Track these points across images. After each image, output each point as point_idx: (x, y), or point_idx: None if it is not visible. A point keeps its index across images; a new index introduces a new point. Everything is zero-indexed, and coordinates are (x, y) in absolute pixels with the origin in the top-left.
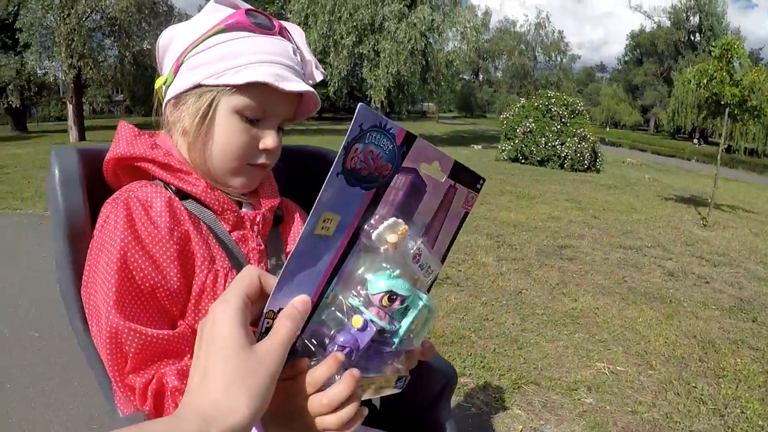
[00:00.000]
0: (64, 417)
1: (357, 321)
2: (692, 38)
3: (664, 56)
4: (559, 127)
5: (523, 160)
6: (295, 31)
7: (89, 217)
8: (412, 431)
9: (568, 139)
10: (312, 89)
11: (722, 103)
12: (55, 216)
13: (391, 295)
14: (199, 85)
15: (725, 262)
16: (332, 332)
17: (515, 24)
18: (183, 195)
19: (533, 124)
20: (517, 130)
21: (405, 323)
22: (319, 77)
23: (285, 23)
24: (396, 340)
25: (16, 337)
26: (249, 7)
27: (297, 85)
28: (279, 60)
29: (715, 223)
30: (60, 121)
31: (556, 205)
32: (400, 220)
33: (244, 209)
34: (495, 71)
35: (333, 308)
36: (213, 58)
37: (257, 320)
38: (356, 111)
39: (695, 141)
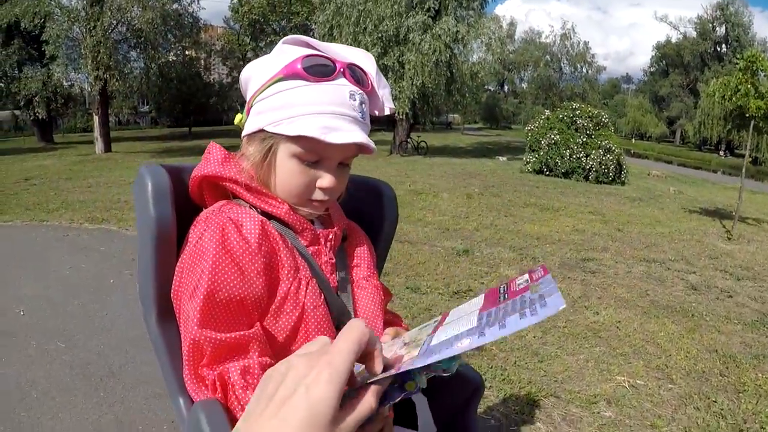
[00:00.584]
0: (90, 427)
1: (411, 386)
2: (718, 49)
3: (690, 67)
4: (584, 139)
5: (547, 172)
6: (367, 62)
7: (176, 226)
8: None
9: (593, 152)
10: (361, 140)
11: (747, 115)
12: (145, 224)
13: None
14: (262, 130)
15: (749, 276)
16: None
17: (540, 35)
18: (268, 215)
19: (558, 136)
20: (542, 142)
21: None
22: (387, 111)
23: (355, 55)
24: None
25: (42, 348)
26: (310, 51)
27: (344, 136)
28: (330, 110)
29: (740, 236)
30: (86, 132)
31: (580, 217)
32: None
33: (317, 227)
34: (520, 82)
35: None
36: (273, 106)
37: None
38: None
39: (721, 153)
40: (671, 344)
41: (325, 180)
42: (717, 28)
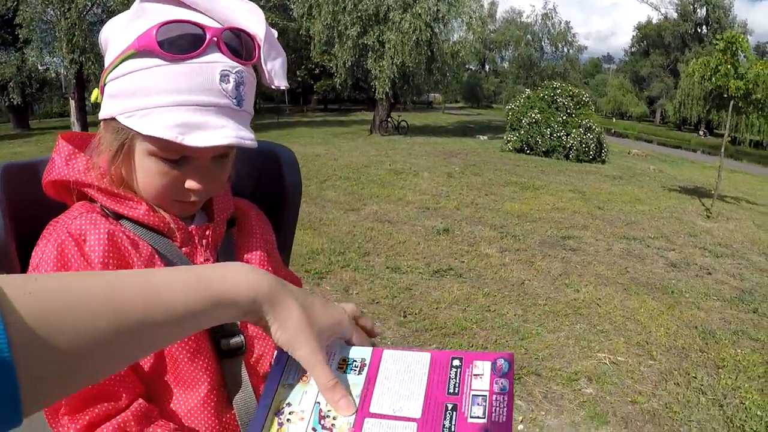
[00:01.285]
0: None
1: None
2: (699, 30)
3: (671, 48)
4: (564, 117)
5: (528, 151)
6: (254, 22)
7: (12, 235)
8: None
9: (574, 130)
10: (230, 140)
11: (725, 96)
12: None
13: None
14: (114, 119)
15: (728, 253)
16: None
17: (522, 14)
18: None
19: (539, 115)
20: (523, 121)
21: None
22: (280, 84)
23: (240, 14)
24: None
25: None
26: (168, 18)
27: (207, 138)
28: (192, 100)
29: (719, 214)
30: (62, 117)
31: (560, 195)
32: None
33: (195, 223)
34: (501, 62)
35: None
36: (124, 91)
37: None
38: None
39: (701, 133)
40: (651, 321)
41: (194, 182)
42: (698, 10)
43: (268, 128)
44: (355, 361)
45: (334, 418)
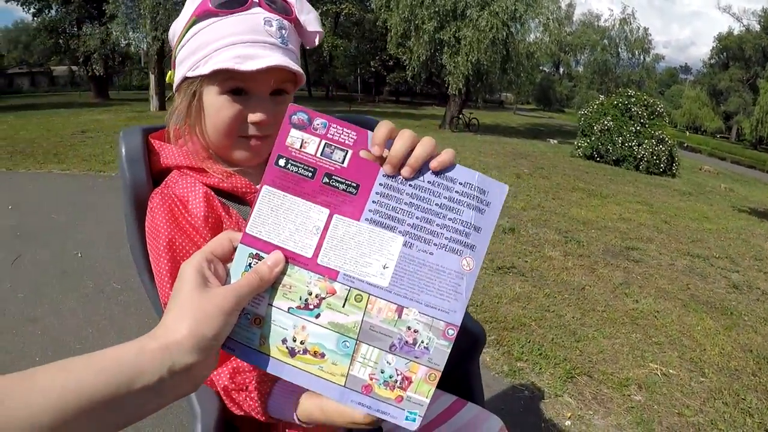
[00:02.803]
0: None
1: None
2: None
3: (752, 62)
4: (637, 127)
5: (598, 158)
6: None
7: (152, 187)
8: (443, 382)
9: (646, 141)
10: (278, 62)
11: None
12: (123, 187)
13: None
14: (185, 78)
15: None
16: None
17: (599, 18)
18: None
19: (611, 123)
20: (595, 128)
21: None
22: (315, 28)
23: None
24: None
25: (99, 289)
26: None
27: (260, 62)
28: (244, 39)
29: None
30: (140, 90)
31: (627, 206)
32: None
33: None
34: (576, 65)
35: None
36: (190, 51)
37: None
38: None
39: None
40: (707, 339)
41: (256, 113)
42: None
43: None
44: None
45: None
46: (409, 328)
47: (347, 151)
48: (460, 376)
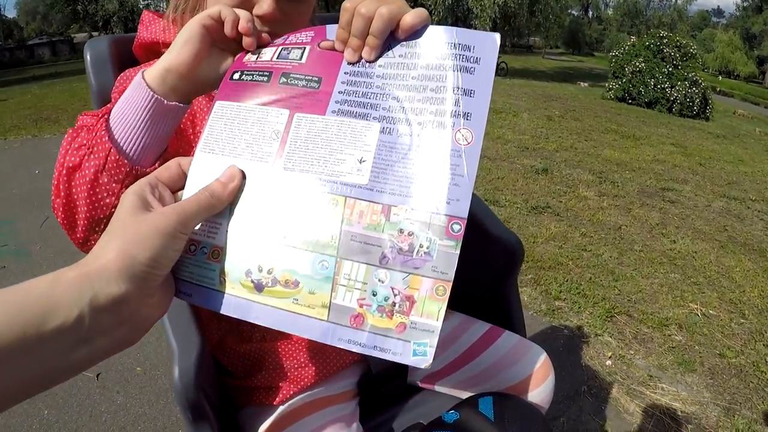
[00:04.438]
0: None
1: None
2: None
3: None
4: (670, 69)
5: (630, 101)
6: None
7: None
8: (477, 309)
9: (679, 83)
10: None
11: None
12: (92, 94)
13: None
14: None
15: None
16: None
17: None
18: None
19: (643, 64)
20: (626, 69)
21: None
22: None
23: None
24: None
25: None
26: None
27: None
28: None
29: None
30: None
31: (661, 148)
32: None
33: None
34: (605, 8)
35: None
36: None
37: None
38: None
39: None
40: (746, 280)
41: (262, 5)
42: None
43: None
44: None
45: None
46: (401, 231)
47: (305, 48)
48: (494, 300)
